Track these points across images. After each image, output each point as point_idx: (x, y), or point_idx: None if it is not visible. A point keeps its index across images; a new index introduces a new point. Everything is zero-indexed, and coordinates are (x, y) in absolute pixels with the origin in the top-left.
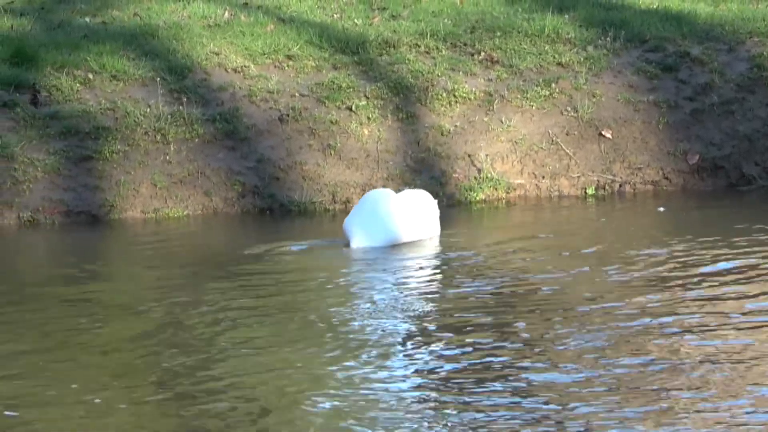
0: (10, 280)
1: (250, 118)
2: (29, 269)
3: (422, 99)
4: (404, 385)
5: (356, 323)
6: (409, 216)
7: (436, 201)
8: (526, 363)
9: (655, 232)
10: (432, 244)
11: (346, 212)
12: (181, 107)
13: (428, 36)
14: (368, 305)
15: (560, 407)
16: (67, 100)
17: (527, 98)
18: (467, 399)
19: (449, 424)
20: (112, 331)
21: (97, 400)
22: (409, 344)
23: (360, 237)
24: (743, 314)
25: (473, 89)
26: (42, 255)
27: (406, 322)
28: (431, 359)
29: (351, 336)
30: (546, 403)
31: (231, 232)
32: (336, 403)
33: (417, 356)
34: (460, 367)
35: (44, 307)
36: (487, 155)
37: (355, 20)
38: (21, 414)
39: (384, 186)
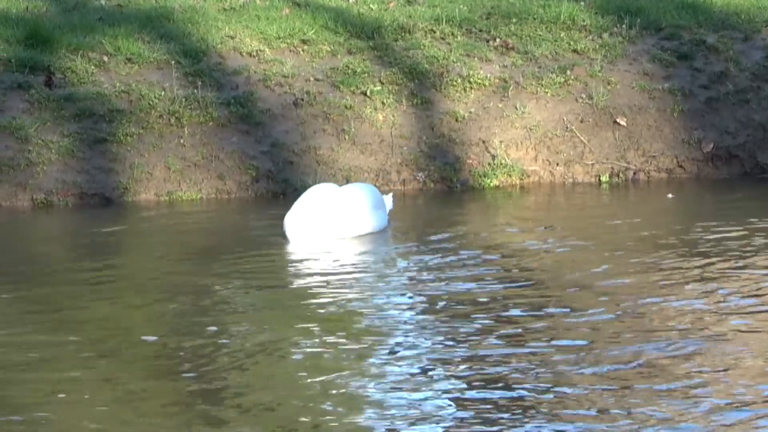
0: (24, 261)
1: (264, 103)
2: (42, 251)
3: (437, 85)
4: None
5: (365, 306)
6: (350, 211)
7: (390, 193)
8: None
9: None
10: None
11: None
12: (195, 91)
13: (444, 21)
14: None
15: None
16: (82, 83)
17: (542, 85)
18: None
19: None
20: (122, 313)
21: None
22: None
23: (299, 232)
24: None
25: (488, 75)
26: (55, 237)
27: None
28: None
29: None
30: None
31: (243, 215)
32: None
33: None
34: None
35: (56, 290)
36: (501, 141)
37: (371, 5)
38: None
39: (398, 171)
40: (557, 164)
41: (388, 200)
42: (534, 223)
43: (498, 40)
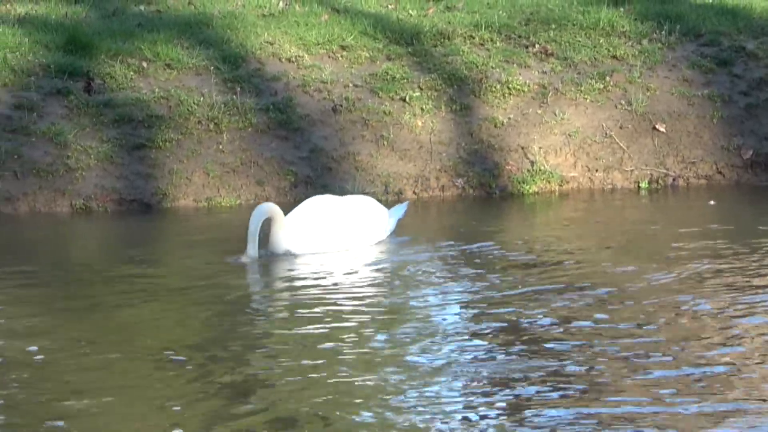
0: (62, 266)
1: (303, 108)
2: (80, 256)
3: (476, 91)
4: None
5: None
6: (344, 224)
7: (405, 202)
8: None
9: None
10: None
11: (398, 203)
12: (234, 96)
13: (483, 27)
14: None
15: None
16: (121, 88)
17: (581, 91)
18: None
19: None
20: (157, 318)
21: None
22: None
23: (287, 244)
24: None
25: (527, 81)
26: (94, 242)
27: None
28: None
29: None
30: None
31: None
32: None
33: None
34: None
35: (94, 293)
36: (540, 148)
37: (410, 11)
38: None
39: (437, 178)
40: (596, 170)
41: (399, 210)
42: (574, 229)
43: (537, 46)
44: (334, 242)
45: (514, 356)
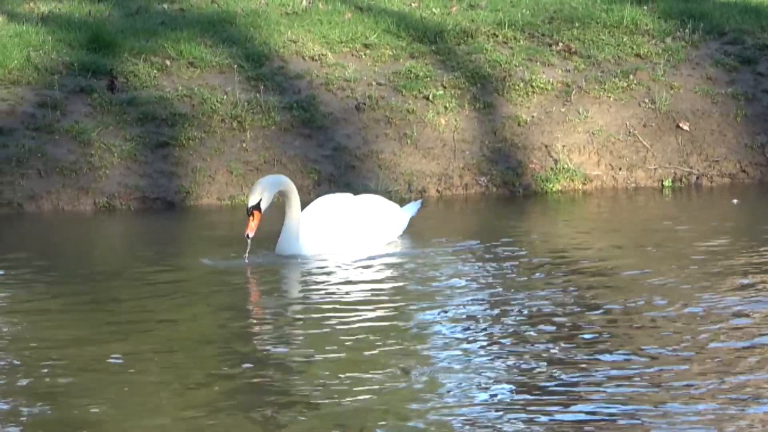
0: (85, 264)
1: (326, 107)
2: (104, 254)
3: (499, 89)
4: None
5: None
6: (354, 223)
7: (419, 201)
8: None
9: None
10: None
11: (422, 201)
12: (257, 95)
13: (506, 26)
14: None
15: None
16: (144, 87)
17: (605, 89)
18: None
19: None
20: (180, 315)
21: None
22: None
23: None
24: None
25: (551, 80)
26: (117, 240)
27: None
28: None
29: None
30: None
31: None
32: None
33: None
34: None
35: (117, 292)
36: (564, 146)
37: (433, 9)
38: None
39: (460, 176)
40: (620, 169)
41: (412, 208)
42: (597, 228)
43: (561, 44)
44: (343, 242)
45: (544, 353)
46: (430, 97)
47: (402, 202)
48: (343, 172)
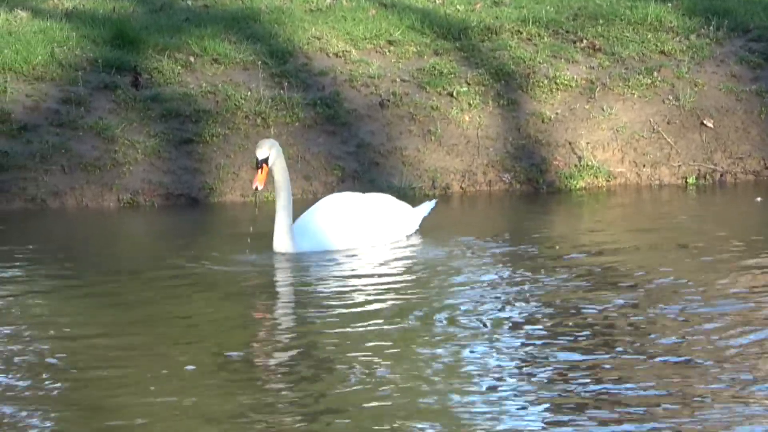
0: (109, 260)
1: (350, 103)
2: (127, 250)
3: (523, 86)
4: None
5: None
6: (359, 222)
7: (433, 200)
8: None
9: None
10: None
11: (445, 198)
12: (281, 91)
13: (530, 23)
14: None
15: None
16: (168, 83)
17: (629, 86)
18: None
19: None
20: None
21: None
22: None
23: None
24: None
25: (575, 76)
26: (141, 236)
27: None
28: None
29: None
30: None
31: None
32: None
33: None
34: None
35: (140, 287)
36: (587, 143)
37: (457, 6)
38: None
39: (484, 173)
40: (644, 166)
41: (425, 208)
42: (621, 225)
43: (585, 41)
44: (344, 240)
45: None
46: (454, 93)
47: (424, 199)
48: (366, 168)
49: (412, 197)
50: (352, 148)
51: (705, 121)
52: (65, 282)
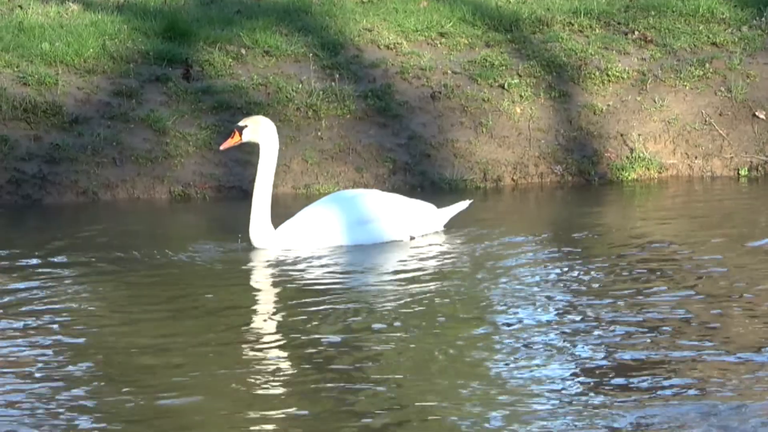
0: (161, 252)
1: (402, 95)
2: (179, 242)
3: (575, 78)
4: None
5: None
6: (347, 220)
7: (467, 201)
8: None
9: None
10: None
11: (497, 190)
12: (333, 83)
13: (582, 14)
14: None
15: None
16: (220, 75)
17: (681, 78)
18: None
19: None
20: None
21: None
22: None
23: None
24: None
25: (626, 68)
26: (192, 228)
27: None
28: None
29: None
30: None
31: None
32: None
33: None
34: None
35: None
36: (639, 135)
37: None
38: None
39: (535, 165)
40: (696, 157)
41: (454, 209)
42: (674, 217)
43: (636, 33)
44: (333, 238)
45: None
46: (506, 85)
47: (476, 191)
48: (418, 160)
49: (463, 189)
50: (403, 140)
51: (757, 113)
52: (116, 276)
